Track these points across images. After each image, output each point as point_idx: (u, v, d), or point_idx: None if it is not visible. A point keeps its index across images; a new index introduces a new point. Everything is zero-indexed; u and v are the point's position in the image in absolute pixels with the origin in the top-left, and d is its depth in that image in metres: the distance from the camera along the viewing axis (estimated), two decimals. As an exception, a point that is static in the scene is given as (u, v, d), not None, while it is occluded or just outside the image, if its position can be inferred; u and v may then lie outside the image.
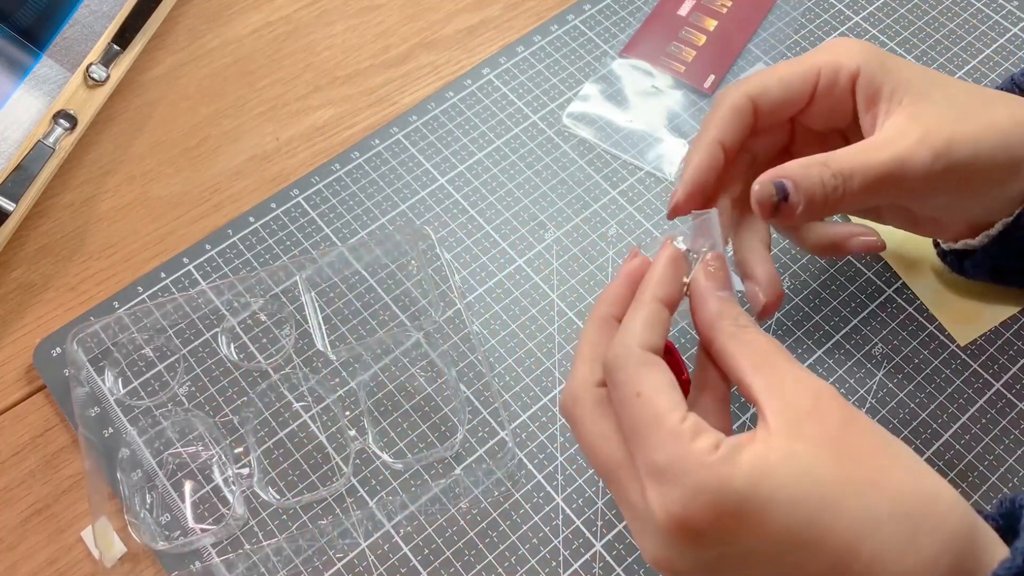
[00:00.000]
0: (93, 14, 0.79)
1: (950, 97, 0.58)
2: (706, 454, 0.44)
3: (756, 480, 0.43)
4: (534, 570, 0.62)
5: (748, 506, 0.42)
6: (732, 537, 0.43)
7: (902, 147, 0.55)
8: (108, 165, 0.78)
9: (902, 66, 0.59)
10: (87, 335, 0.68)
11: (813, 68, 0.60)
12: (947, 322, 0.70)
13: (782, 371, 0.47)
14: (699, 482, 0.43)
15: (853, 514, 0.42)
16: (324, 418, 0.67)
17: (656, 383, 0.47)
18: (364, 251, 0.72)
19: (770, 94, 0.60)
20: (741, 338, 0.49)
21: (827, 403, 0.45)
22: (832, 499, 0.42)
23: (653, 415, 0.46)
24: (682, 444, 0.44)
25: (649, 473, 0.45)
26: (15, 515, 0.64)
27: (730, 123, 0.60)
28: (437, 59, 0.85)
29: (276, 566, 0.61)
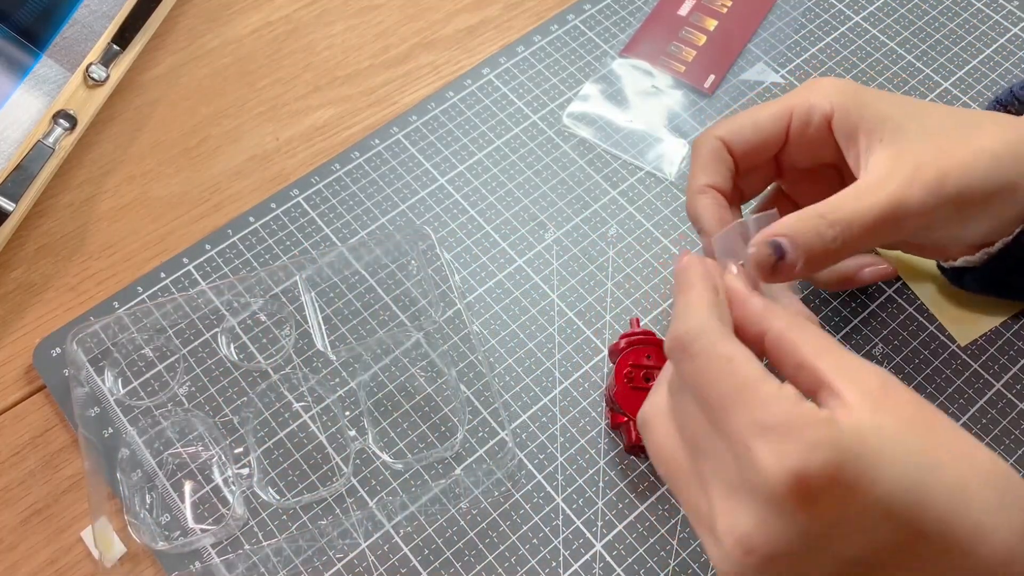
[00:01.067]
0: (93, 14, 0.79)
1: (930, 127, 0.57)
2: (816, 414, 0.42)
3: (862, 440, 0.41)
4: (534, 570, 0.62)
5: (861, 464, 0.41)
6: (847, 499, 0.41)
7: (893, 188, 0.55)
8: (108, 165, 0.78)
9: (877, 100, 0.59)
10: (87, 335, 0.68)
11: (785, 109, 0.60)
12: (947, 322, 0.70)
13: (845, 356, 0.45)
14: (816, 438, 0.41)
15: (949, 482, 0.41)
16: (324, 418, 0.67)
17: (745, 351, 0.45)
18: (364, 251, 0.72)
19: (742, 136, 0.61)
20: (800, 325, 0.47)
21: (894, 385, 0.44)
22: (927, 466, 0.41)
23: (752, 377, 0.44)
24: (791, 403, 0.42)
25: (757, 434, 0.42)
26: (15, 515, 0.64)
27: (712, 167, 0.61)
28: (437, 59, 0.85)
29: (276, 566, 0.61)
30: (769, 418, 0.42)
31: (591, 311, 0.71)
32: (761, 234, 0.54)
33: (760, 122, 0.61)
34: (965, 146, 0.56)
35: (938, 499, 0.41)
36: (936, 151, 0.56)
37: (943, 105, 0.61)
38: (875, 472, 0.41)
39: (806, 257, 0.53)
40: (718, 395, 0.44)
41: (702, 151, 0.61)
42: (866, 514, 0.41)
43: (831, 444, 0.40)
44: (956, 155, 0.56)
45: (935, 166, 0.55)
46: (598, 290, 0.72)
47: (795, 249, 0.53)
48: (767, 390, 0.43)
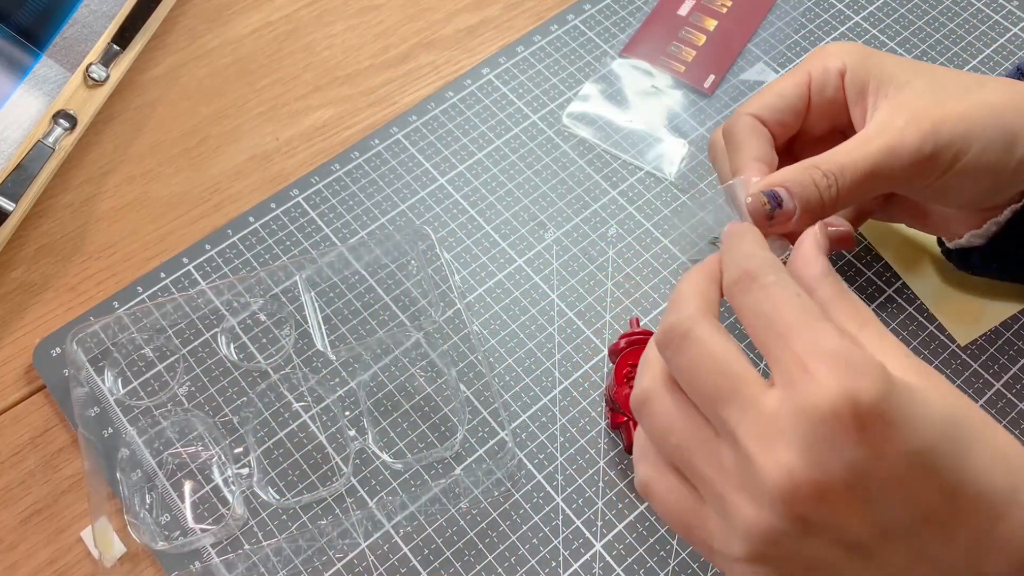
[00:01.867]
0: (93, 14, 0.79)
1: (936, 81, 0.58)
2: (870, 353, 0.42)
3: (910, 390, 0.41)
4: (534, 570, 0.62)
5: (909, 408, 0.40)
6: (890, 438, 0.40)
7: (889, 135, 0.56)
8: (108, 165, 0.78)
9: (886, 59, 0.60)
10: (87, 335, 0.68)
11: (803, 75, 0.62)
12: (947, 322, 0.70)
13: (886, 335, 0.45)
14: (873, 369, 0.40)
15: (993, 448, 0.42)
16: (324, 418, 0.67)
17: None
18: (364, 251, 0.72)
19: (772, 108, 0.62)
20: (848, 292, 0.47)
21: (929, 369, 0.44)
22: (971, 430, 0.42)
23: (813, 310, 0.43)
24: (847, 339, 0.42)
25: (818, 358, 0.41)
26: (15, 515, 0.64)
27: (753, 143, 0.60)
28: (437, 59, 0.85)
29: (276, 566, 0.61)
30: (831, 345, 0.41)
31: (591, 311, 0.71)
32: (758, 184, 0.56)
33: (784, 91, 0.62)
34: (965, 98, 0.57)
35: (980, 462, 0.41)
36: (936, 101, 0.57)
37: (953, 68, 0.62)
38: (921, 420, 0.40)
39: (803, 206, 0.55)
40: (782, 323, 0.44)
41: (738, 132, 0.61)
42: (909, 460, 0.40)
43: (883, 377, 0.40)
44: (955, 105, 0.57)
45: (932, 114, 0.56)
46: (598, 290, 0.72)
47: (791, 198, 0.54)
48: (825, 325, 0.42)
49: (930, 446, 0.40)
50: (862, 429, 0.40)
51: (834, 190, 0.55)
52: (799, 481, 0.41)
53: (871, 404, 0.39)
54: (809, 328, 0.42)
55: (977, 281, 0.70)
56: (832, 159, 0.56)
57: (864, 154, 0.56)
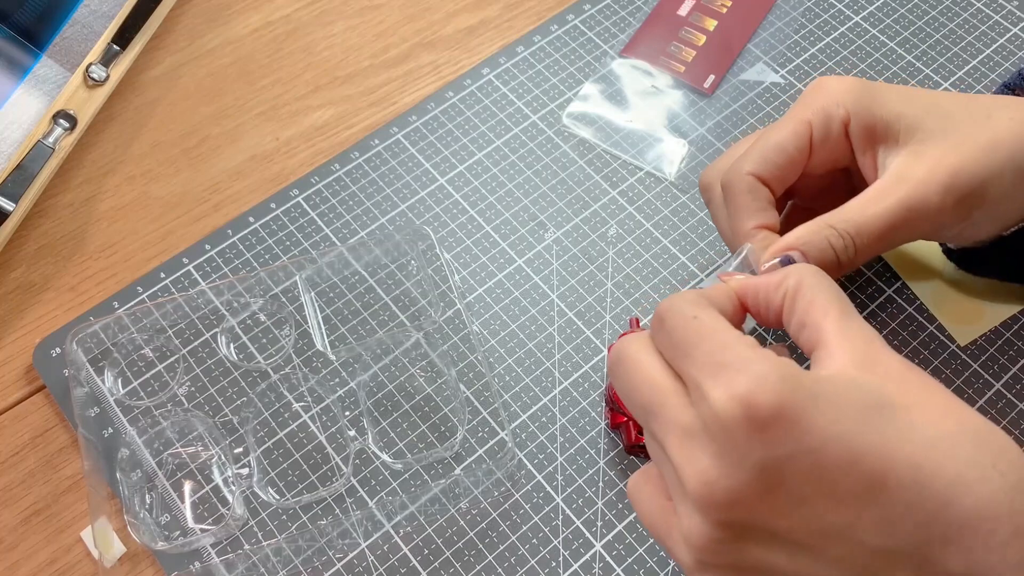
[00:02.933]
0: (93, 14, 0.79)
1: (946, 120, 0.57)
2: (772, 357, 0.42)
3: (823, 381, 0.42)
4: (534, 570, 0.62)
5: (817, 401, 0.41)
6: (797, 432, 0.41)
7: (908, 190, 0.55)
8: (108, 165, 0.78)
9: (891, 98, 0.58)
10: (87, 335, 0.68)
11: (804, 124, 0.59)
12: (947, 322, 0.70)
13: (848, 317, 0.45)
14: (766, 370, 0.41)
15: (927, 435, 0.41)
16: (324, 418, 0.67)
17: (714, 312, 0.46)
18: (364, 251, 0.72)
19: (772, 164, 0.59)
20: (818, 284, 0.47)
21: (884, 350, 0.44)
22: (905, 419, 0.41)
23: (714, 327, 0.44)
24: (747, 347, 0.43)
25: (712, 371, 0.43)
26: (15, 515, 0.64)
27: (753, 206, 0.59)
28: (437, 59, 0.85)
29: (276, 566, 0.61)
30: (724, 357, 0.43)
31: (591, 311, 0.71)
32: (771, 250, 0.55)
33: (784, 144, 0.59)
34: (978, 139, 0.56)
35: (912, 450, 0.41)
36: (950, 146, 0.55)
37: (955, 93, 0.60)
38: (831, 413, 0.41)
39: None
40: (683, 342, 0.45)
41: (737, 192, 0.59)
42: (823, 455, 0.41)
43: (780, 377, 0.41)
44: (971, 148, 0.55)
45: (949, 163, 0.55)
46: (598, 290, 0.72)
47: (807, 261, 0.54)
48: (727, 337, 0.44)
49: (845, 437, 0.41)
50: (763, 431, 0.41)
51: (852, 250, 0.54)
52: (716, 489, 0.42)
53: (767, 406, 0.40)
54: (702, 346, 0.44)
55: (977, 282, 0.70)
56: (847, 218, 0.55)
57: (881, 211, 0.55)
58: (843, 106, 0.58)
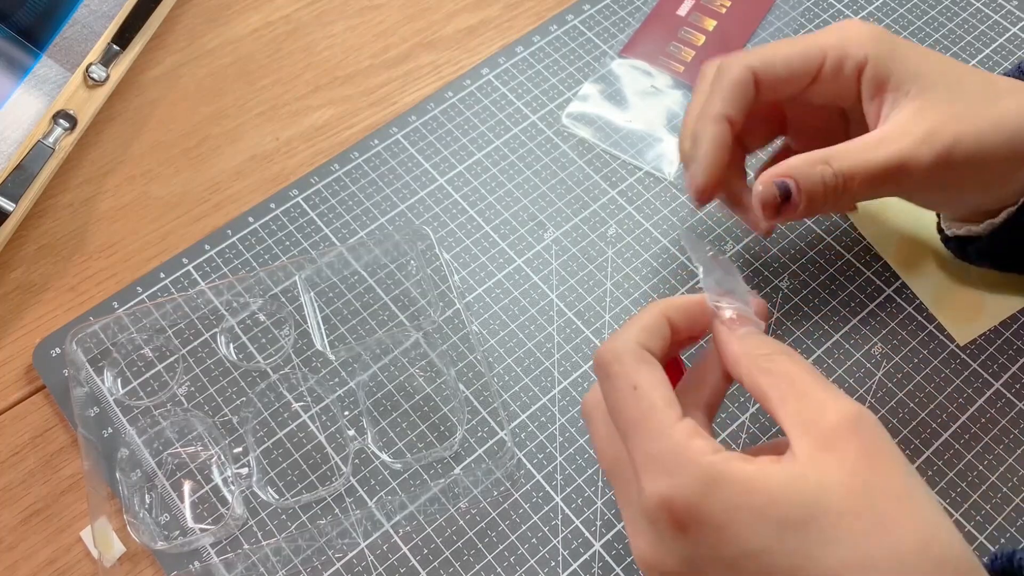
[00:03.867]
0: (93, 14, 0.79)
1: (958, 90, 0.57)
2: (703, 452, 0.43)
3: (751, 490, 0.41)
4: (533, 570, 0.62)
5: (736, 513, 0.41)
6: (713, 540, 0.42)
7: (904, 145, 0.55)
8: (108, 165, 0.78)
9: (912, 54, 0.58)
10: (86, 335, 0.68)
11: (819, 51, 0.59)
12: (946, 322, 0.70)
13: (810, 399, 0.44)
14: (691, 472, 0.42)
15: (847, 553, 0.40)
16: (323, 418, 0.67)
17: (653, 379, 0.46)
18: (363, 251, 0.72)
19: (773, 70, 0.60)
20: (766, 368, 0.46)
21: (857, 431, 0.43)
22: (829, 533, 0.40)
23: (650, 407, 0.45)
24: (678, 438, 0.43)
25: (642, 462, 0.44)
26: (14, 515, 0.64)
27: (735, 96, 0.59)
28: (437, 59, 0.85)
29: (275, 566, 0.61)
30: (655, 449, 0.44)
31: (590, 311, 0.71)
32: (768, 173, 0.55)
33: (793, 60, 0.60)
34: (984, 114, 0.56)
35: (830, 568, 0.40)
36: (955, 115, 0.56)
37: (974, 69, 0.60)
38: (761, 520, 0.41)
39: (807, 201, 0.55)
40: (624, 419, 0.46)
41: (729, 77, 0.60)
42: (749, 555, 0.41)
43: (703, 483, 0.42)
44: (973, 122, 0.56)
45: (950, 130, 0.55)
46: (597, 290, 0.72)
47: (799, 192, 0.55)
48: (663, 421, 0.44)
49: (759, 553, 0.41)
50: (683, 531, 0.42)
51: (840, 190, 0.55)
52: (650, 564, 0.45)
53: (683, 508, 0.42)
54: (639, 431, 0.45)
55: (976, 280, 0.70)
56: (844, 158, 0.55)
57: (876, 159, 0.55)
58: (864, 51, 0.58)
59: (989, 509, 0.63)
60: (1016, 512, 0.63)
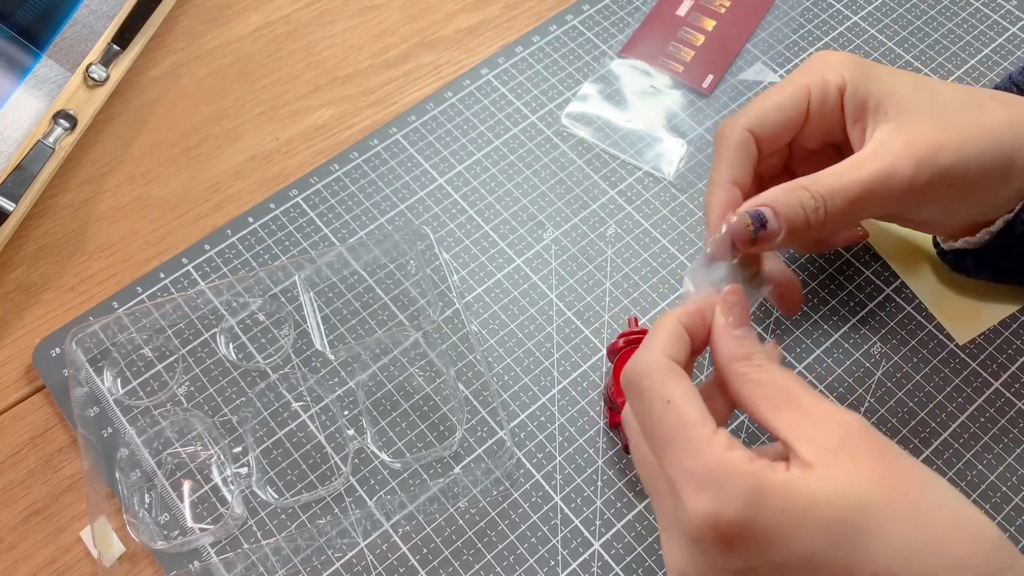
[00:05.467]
0: (93, 14, 0.79)
1: (937, 102, 0.57)
2: (743, 463, 0.43)
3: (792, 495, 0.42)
4: (532, 569, 0.62)
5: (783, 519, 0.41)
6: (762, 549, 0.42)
7: (884, 161, 0.55)
8: (108, 165, 0.78)
9: (887, 75, 0.59)
10: (86, 335, 0.68)
11: (803, 88, 0.60)
12: (946, 321, 0.70)
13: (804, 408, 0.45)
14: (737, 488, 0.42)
15: (890, 542, 0.41)
16: (322, 418, 0.67)
17: (685, 391, 0.46)
18: (363, 251, 0.72)
19: (768, 123, 0.60)
20: (756, 379, 0.47)
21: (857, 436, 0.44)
22: (869, 526, 0.41)
23: (684, 422, 0.45)
24: (718, 451, 0.43)
25: (682, 479, 0.44)
26: (14, 515, 0.64)
27: (738, 161, 0.60)
28: (437, 59, 0.85)
29: (275, 566, 0.62)
30: (696, 465, 0.44)
31: (589, 311, 0.71)
32: (745, 204, 0.55)
33: (783, 105, 0.60)
34: (965, 123, 0.56)
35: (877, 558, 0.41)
36: (935, 126, 0.56)
37: (952, 84, 0.61)
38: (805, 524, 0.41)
39: (788, 228, 0.54)
40: (658, 435, 0.46)
41: (730, 144, 0.61)
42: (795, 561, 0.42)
43: (747, 495, 0.42)
44: (954, 131, 0.56)
45: (929, 141, 0.55)
46: (596, 289, 0.72)
47: (776, 219, 0.54)
48: (699, 435, 0.44)
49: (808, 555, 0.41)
50: (730, 545, 0.42)
51: (821, 213, 0.55)
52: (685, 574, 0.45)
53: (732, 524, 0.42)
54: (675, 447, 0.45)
55: (975, 281, 0.70)
56: (822, 181, 0.55)
57: (856, 178, 0.55)
58: (841, 75, 0.59)
59: (988, 508, 0.63)
60: (1015, 511, 0.63)
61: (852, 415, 0.45)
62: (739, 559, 0.42)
